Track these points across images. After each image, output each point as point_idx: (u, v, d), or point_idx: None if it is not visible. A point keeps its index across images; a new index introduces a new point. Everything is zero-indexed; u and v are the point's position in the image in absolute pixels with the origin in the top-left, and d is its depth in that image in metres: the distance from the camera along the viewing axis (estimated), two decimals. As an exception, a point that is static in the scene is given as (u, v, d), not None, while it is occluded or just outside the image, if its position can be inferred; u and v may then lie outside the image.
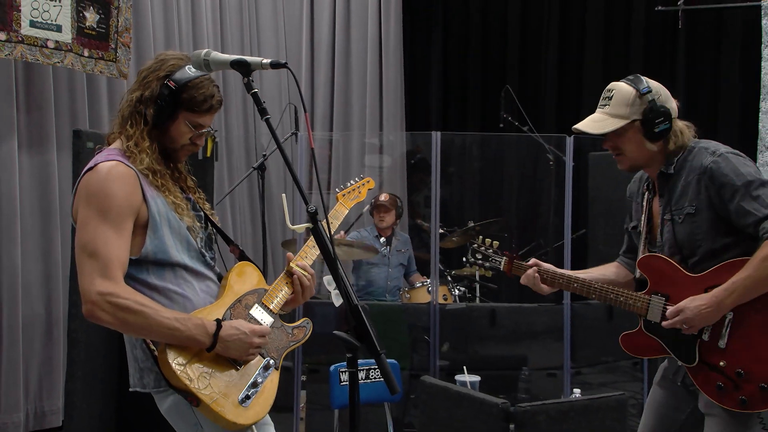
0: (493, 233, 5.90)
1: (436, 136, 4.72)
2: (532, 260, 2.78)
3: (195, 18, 5.83)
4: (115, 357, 3.44)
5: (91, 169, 2.11)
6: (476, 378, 3.92)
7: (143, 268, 2.14)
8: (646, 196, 2.66)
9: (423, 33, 7.30)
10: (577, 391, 4.15)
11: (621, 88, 2.54)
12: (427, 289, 5.12)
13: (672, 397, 2.64)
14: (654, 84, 2.54)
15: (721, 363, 2.40)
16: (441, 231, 5.31)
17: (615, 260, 2.89)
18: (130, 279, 2.11)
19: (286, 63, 2.01)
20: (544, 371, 4.78)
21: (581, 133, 2.62)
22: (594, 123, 2.56)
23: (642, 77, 2.56)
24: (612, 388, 4.71)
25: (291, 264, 2.35)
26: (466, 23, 7.16)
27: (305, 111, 2.02)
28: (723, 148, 2.49)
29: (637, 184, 2.78)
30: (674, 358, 2.51)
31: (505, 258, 2.87)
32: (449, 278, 5.36)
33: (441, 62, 7.26)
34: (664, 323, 2.46)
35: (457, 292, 5.32)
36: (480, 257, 2.96)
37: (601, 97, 2.60)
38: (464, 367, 3.96)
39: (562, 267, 4.72)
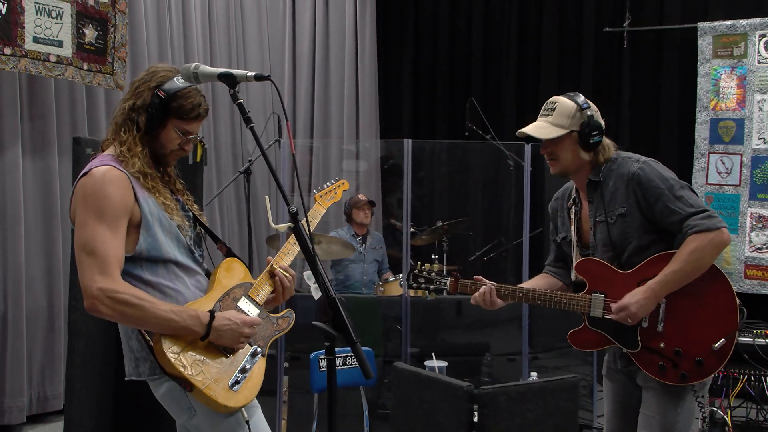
0: (459, 232, 5.91)
1: (408, 143, 4.72)
2: (475, 277, 2.72)
3: (186, 34, 5.79)
4: (112, 346, 3.40)
5: (86, 173, 2.09)
6: (444, 363, 3.91)
7: (137, 264, 2.12)
8: (573, 209, 2.71)
9: (395, 49, 7.31)
10: (534, 374, 4.18)
11: (563, 101, 2.58)
12: (399, 283, 5.12)
13: (622, 387, 2.68)
14: (590, 102, 2.59)
15: (661, 345, 2.47)
16: (412, 230, 5.31)
17: (542, 272, 2.90)
18: (126, 275, 2.09)
19: (269, 76, 2.01)
20: (504, 356, 4.79)
21: (527, 138, 2.63)
22: (537, 129, 2.59)
23: (580, 94, 2.60)
24: (565, 372, 4.74)
25: (273, 265, 2.34)
26: (435, 41, 7.18)
27: (287, 120, 2.01)
28: (643, 157, 2.56)
29: (560, 202, 2.81)
30: (619, 346, 2.54)
31: (450, 279, 2.76)
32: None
33: (412, 76, 7.27)
34: (610, 316, 2.49)
35: (426, 285, 5.31)
36: (423, 281, 2.81)
37: (543, 108, 2.63)
38: (433, 354, 3.95)
39: (521, 263, 4.78)
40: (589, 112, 2.53)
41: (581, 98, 2.57)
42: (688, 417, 2.52)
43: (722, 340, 2.41)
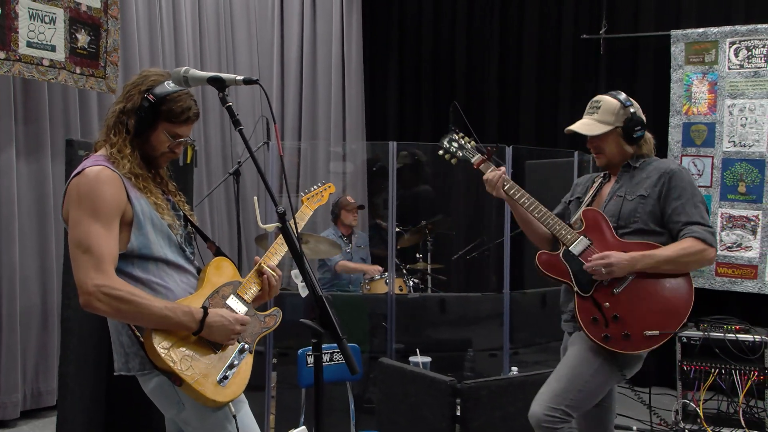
0: (443, 231, 5.92)
1: (393, 146, 4.71)
2: (502, 167, 2.84)
3: (177, 39, 5.76)
4: (105, 343, 3.35)
5: (79, 173, 2.07)
6: (428, 359, 3.91)
7: (129, 262, 2.10)
8: (599, 181, 2.83)
9: (381, 55, 7.31)
10: (514, 368, 4.18)
11: (607, 100, 2.72)
12: (385, 281, 5.11)
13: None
14: (632, 100, 2.73)
15: (606, 304, 2.58)
16: (398, 229, 5.31)
17: None
18: (118, 272, 2.07)
19: (257, 80, 2.00)
20: (486, 352, 4.80)
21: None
22: (585, 126, 2.72)
23: (623, 93, 2.74)
24: (544, 366, 4.73)
25: (261, 264, 2.33)
26: (419, 47, 7.18)
27: (275, 123, 2.01)
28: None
29: (589, 176, 2.96)
30: (573, 284, 2.64)
31: (479, 155, 2.87)
32: (404, 271, 5.36)
33: (397, 80, 7.26)
34: (588, 262, 2.59)
35: (411, 283, 5.32)
36: (456, 146, 2.95)
37: (588, 107, 2.76)
38: (417, 350, 3.96)
39: (503, 261, 4.79)
40: (632, 109, 2.68)
41: (623, 96, 2.71)
42: (599, 382, 2.60)
43: (656, 332, 2.52)
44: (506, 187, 2.77)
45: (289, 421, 3.78)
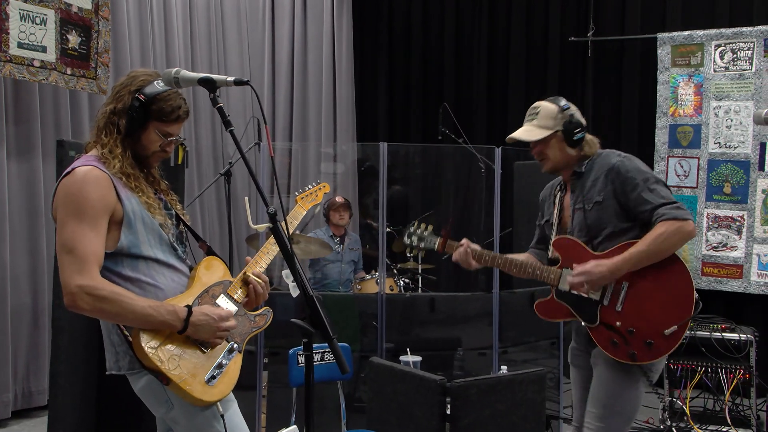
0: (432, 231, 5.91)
1: (383, 147, 4.71)
2: (464, 240, 2.85)
3: (168, 41, 5.74)
4: (95, 342, 3.36)
5: (68, 173, 2.06)
6: (418, 358, 3.91)
7: (118, 261, 2.09)
8: (558, 195, 2.80)
9: (371, 57, 7.31)
10: (504, 367, 4.18)
11: (545, 105, 2.69)
12: (376, 280, 5.11)
13: (586, 373, 2.73)
14: (569, 103, 2.71)
15: (617, 323, 2.54)
16: (388, 230, 5.30)
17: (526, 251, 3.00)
18: (107, 271, 2.06)
19: (248, 81, 2.00)
20: (476, 351, 4.80)
21: (513, 143, 2.76)
22: (526, 132, 2.70)
23: (562, 98, 2.71)
24: (533, 365, 4.76)
25: (247, 272, 2.31)
26: (409, 50, 7.19)
27: (266, 124, 2.00)
28: (624, 153, 2.68)
29: (549, 190, 2.92)
30: (579, 319, 2.62)
31: (439, 239, 2.89)
32: (395, 271, 5.36)
33: (387, 82, 7.27)
34: (569, 278, 2.57)
35: (401, 283, 5.33)
36: (416, 239, 2.94)
37: (528, 114, 2.73)
38: (407, 349, 3.95)
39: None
40: (569, 112, 2.65)
41: (562, 101, 2.69)
42: (633, 399, 2.57)
43: (674, 327, 2.48)
44: (476, 259, 2.78)
45: (280, 421, 3.77)
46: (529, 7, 6.61)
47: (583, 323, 2.60)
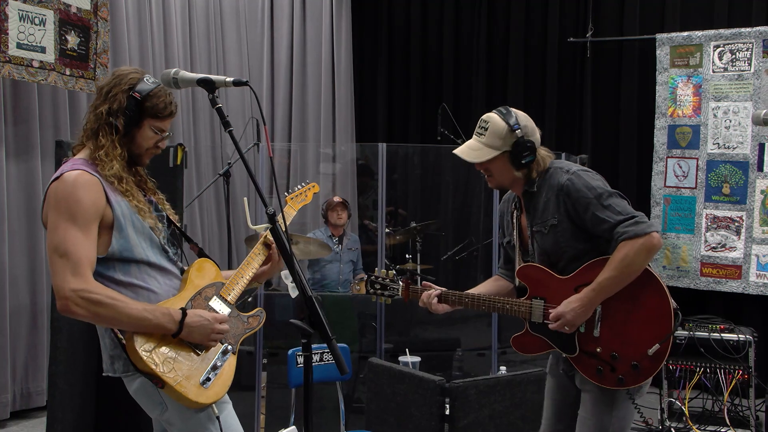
0: (431, 232, 5.92)
1: (382, 147, 4.71)
2: (424, 283, 2.72)
3: (167, 41, 5.74)
4: (94, 343, 3.33)
5: (57, 178, 2.05)
6: (417, 359, 3.92)
7: (110, 265, 2.09)
8: (515, 214, 2.68)
9: (370, 57, 7.31)
10: (503, 368, 4.19)
11: (495, 122, 2.51)
12: (373, 281, 5.10)
13: (560, 385, 2.66)
14: (522, 117, 2.52)
15: (598, 349, 2.43)
16: (387, 230, 5.30)
17: (495, 273, 2.89)
18: (99, 276, 2.06)
19: (247, 81, 2.00)
20: (475, 351, 4.81)
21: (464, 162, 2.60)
22: (471, 151, 2.55)
23: (512, 111, 2.53)
24: (532, 365, 4.75)
25: (267, 236, 2.31)
26: (408, 50, 7.19)
27: (265, 124, 2.00)
28: (574, 167, 2.50)
29: (506, 205, 2.78)
30: (559, 351, 2.52)
31: (401, 285, 2.75)
32: (394, 272, 5.34)
33: (386, 83, 7.27)
34: (550, 326, 2.46)
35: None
36: (379, 287, 2.79)
37: (478, 126, 2.56)
38: (406, 349, 3.96)
39: (491, 262, 4.79)
40: (519, 133, 2.47)
41: (513, 119, 2.49)
42: (623, 420, 2.50)
43: (656, 345, 2.37)
44: (443, 301, 2.65)
45: (279, 421, 3.77)
46: (528, 8, 6.61)
47: (563, 354, 2.51)
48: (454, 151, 2.59)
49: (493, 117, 2.52)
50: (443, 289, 2.67)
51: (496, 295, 2.68)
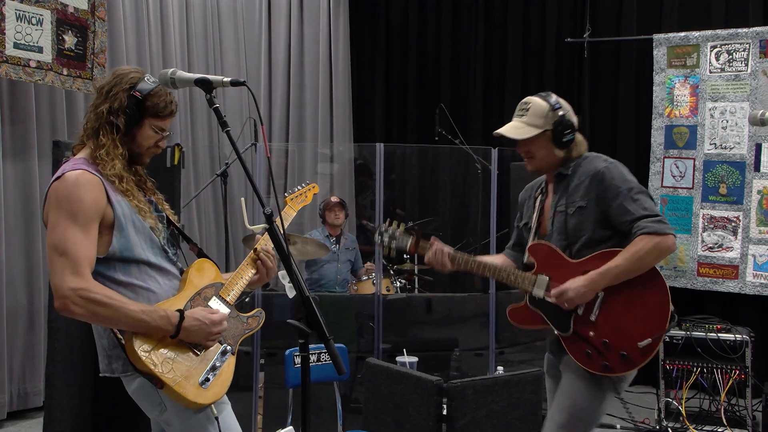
0: (429, 232, 5.92)
1: (380, 147, 4.71)
2: (432, 238, 2.75)
3: (164, 41, 5.74)
4: (91, 344, 3.31)
5: (58, 177, 2.05)
6: (414, 359, 3.92)
7: (110, 265, 2.08)
8: (539, 198, 2.73)
9: (368, 58, 7.31)
10: (500, 368, 4.19)
11: (536, 102, 2.59)
12: (372, 281, 5.11)
13: (558, 383, 2.67)
14: (562, 101, 2.61)
15: (591, 333, 2.48)
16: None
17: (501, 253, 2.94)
18: (99, 276, 2.05)
19: (245, 81, 2.00)
20: (472, 351, 4.80)
21: (506, 142, 2.66)
22: (514, 129, 2.60)
23: (553, 94, 2.62)
24: (530, 365, 4.76)
25: (256, 247, 2.33)
26: (406, 51, 7.19)
27: (262, 124, 2.00)
28: (611, 159, 2.58)
29: (529, 191, 2.84)
30: (552, 328, 2.56)
31: (411, 238, 2.78)
32: (391, 272, 5.36)
33: (384, 83, 7.27)
34: (548, 299, 2.52)
35: (398, 284, 5.32)
36: (387, 238, 2.82)
37: (518, 108, 2.64)
38: (404, 350, 3.96)
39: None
40: (561, 112, 2.55)
41: (554, 98, 2.59)
42: (598, 409, 2.52)
43: (648, 339, 2.41)
44: (449, 260, 2.67)
45: (276, 421, 3.77)
46: (526, 9, 6.61)
47: (556, 331, 2.54)
48: (497, 131, 2.63)
49: (533, 98, 2.61)
50: (451, 249, 2.70)
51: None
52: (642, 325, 2.43)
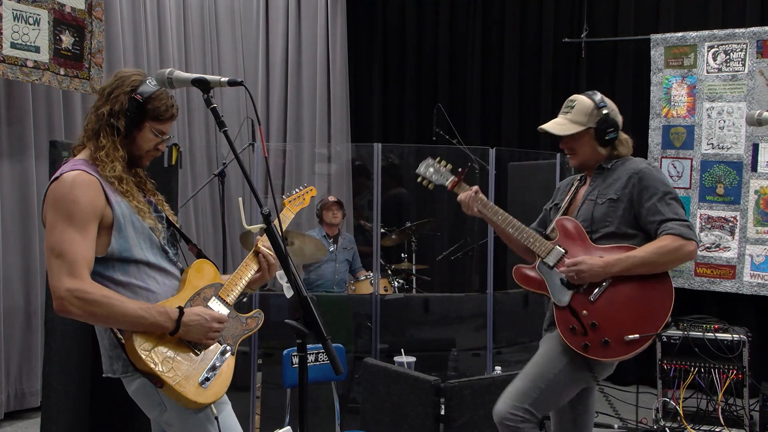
0: (427, 232, 5.92)
1: (378, 147, 4.71)
2: (475, 186, 2.85)
3: (162, 41, 5.73)
4: (88, 344, 3.35)
5: (57, 178, 2.05)
6: (412, 359, 3.92)
7: (109, 265, 2.08)
8: (575, 185, 2.79)
9: (366, 58, 7.31)
10: (498, 368, 4.20)
11: (582, 99, 2.67)
12: (370, 281, 5.10)
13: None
14: (607, 100, 2.68)
15: (584, 312, 2.52)
16: (382, 230, 5.30)
17: None
18: (98, 276, 2.05)
19: (242, 81, 2.00)
20: (470, 351, 4.81)
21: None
22: (558, 126, 2.68)
23: (598, 93, 2.69)
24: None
25: (258, 245, 2.33)
26: (403, 51, 7.19)
27: (260, 124, 2.00)
28: (653, 164, 2.73)
29: (569, 180, 2.91)
30: (550, 295, 2.61)
31: (453, 177, 2.90)
32: (389, 272, 5.36)
33: (381, 83, 7.27)
34: (561, 268, 2.57)
35: (396, 284, 5.32)
36: (432, 171, 2.96)
37: (564, 105, 2.72)
38: (402, 350, 3.96)
39: (486, 263, 4.80)
40: (605, 110, 2.62)
41: (599, 96, 2.66)
42: (564, 382, 2.55)
43: (636, 336, 2.44)
44: (479, 206, 2.77)
45: (274, 421, 3.77)
46: (523, 9, 6.62)
47: (552, 299, 2.60)
48: (542, 126, 2.71)
49: (579, 96, 2.69)
50: (484, 198, 2.81)
51: (517, 243, 2.79)
52: (636, 321, 2.47)
